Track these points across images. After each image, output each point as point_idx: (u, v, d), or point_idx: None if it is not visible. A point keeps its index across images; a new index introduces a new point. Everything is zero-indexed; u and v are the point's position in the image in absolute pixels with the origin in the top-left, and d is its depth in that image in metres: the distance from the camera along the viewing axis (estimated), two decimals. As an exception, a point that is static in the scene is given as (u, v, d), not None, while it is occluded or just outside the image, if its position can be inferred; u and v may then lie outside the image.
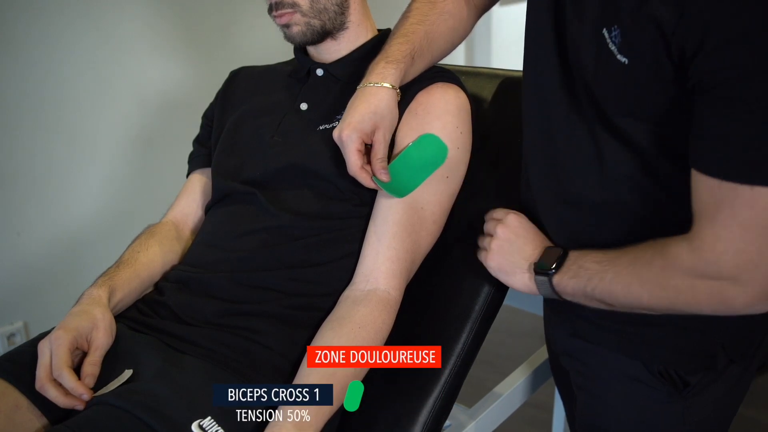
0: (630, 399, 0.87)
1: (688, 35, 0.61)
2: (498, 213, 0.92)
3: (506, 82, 1.16)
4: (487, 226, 0.92)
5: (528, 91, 0.88)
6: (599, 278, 0.76)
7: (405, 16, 0.99)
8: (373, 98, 0.90)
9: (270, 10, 1.01)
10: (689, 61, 0.62)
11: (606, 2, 0.69)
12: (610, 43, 0.68)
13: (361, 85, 0.93)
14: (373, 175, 0.91)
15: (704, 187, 0.64)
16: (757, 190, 0.60)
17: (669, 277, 0.69)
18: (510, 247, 0.87)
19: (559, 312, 0.91)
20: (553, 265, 0.81)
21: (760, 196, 0.60)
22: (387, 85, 0.91)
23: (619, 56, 0.68)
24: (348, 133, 0.88)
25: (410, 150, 0.96)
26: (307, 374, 0.82)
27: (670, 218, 0.73)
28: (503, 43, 3.17)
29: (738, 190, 0.61)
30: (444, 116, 0.98)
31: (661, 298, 0.71)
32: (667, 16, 0.62)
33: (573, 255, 0.81)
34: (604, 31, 0.68)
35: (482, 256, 0.91)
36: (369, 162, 0.91)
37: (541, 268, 0.83)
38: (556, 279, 0.81)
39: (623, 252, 0.75)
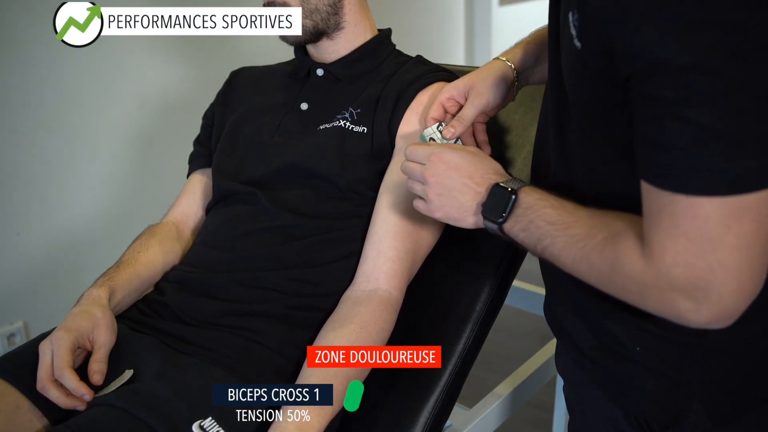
0: None
1: (614, 26, 0.55)
2: (417, 152, 0.82)
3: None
4: (413, 171, 0.82)
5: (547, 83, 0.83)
6: (549, 241, 0.69)
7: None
8: (485, 67, 0.94)
9: (264, 9, 1.02)
10: (620, 54, 0.56)
11: None
12: (572, 27, 0.62)
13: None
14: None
15: (645, 192, 0.58)
16: (695, 200, 0.53)
17: (617, 274, 0.62)
18: (449, 193, 0.79)
19: (564, 340, 0.88)
20: (503, 213, 0.74)
21: (700, 206, 0.53)
22: (503, 58, 0.94)
23: (576, 41, 0.61)
24: (444, 87, 0.94)
25: None
26: (308, 375, 0.82)
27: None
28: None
29: (675, 198, 0.55)
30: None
31: (608, 289, 0.65)
32: (595, 4, 0.57)
33: (524, 203, 0.72)
34: (570, 14, 0.62)
35: (423, 207, 0.83)
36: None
37: (489, 215, 0.76)
38: (506, 227, 0.74)
39: (577, 219, 0.67)
